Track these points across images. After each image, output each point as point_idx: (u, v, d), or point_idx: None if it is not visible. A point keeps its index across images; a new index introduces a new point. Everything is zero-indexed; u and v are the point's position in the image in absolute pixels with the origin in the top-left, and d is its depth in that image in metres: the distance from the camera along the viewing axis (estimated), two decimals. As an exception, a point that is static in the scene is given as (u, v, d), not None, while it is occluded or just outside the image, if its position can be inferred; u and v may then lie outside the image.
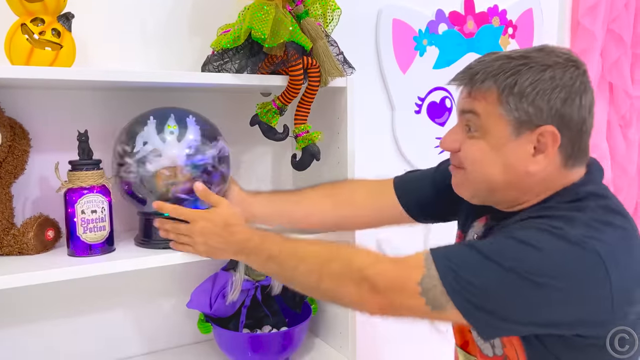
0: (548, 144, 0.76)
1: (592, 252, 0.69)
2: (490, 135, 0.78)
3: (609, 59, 1.85)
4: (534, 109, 0.75)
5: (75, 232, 0.98)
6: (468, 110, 0.80)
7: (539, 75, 0.75)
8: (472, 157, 0.81)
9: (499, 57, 0.78)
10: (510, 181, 0.79)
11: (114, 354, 1.23)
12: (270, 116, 1.10)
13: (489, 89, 0.77)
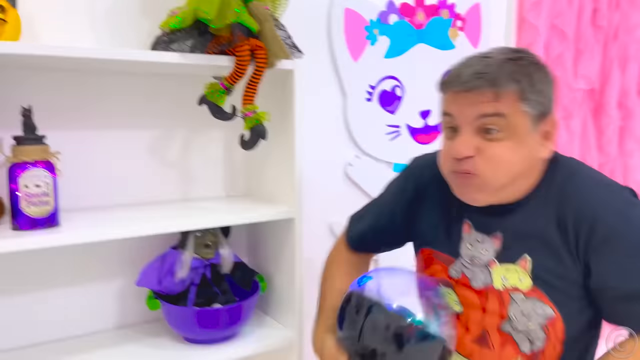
0: (552, 129, 0.85)
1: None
2: (516, 132, 0.82)
3: (552, 53, 1.94)
4: (545, 99, 0.84)
5: (19, 206, 0.98)
6: (492, 114, 0.82)
7: (543, 71, 0.85)
8: (500, 157, 0.83)
9: (504, 59, 0.83)
10: (525, 171, 0.85)
11: (60, 332, 1.24)
12: (218, 96, 1.12)
13: (511, 87, 0.81)
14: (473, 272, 0.93)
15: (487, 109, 0.82)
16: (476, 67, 0.83)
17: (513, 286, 0.88)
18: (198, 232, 1.24)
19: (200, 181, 1.39)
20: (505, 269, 0.89)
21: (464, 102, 0.83)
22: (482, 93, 0.81)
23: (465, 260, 0.94)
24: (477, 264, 0.92)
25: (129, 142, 1.28)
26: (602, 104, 2.13)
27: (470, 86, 0.82)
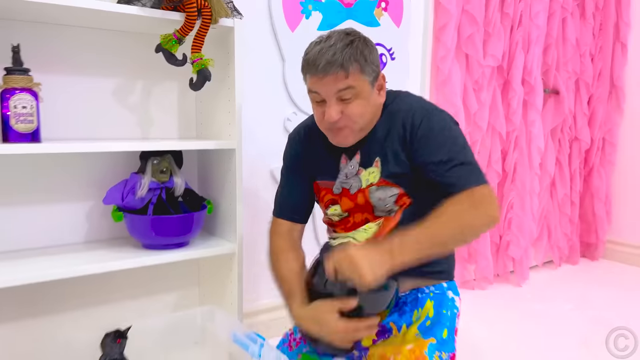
0: (382, 82, 1.21)
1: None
2: (362, 94, 1.16)
3: (464, 33, 2.29)
4: (375, 66, 1.17)
5: (9, 123, 1.24)
6: (345, 88, 1.13)
7: (369, 46, 1.16)
8: (358, 113, 1.17)
9: (343, 46, 1.12)
10: (373, 114, 1.21)
11: (37, 242, 1.48)
12: (171, 45, 1.40)
13: (355, 67, 1.12)
14: (350, 183, 1.27)
15: (341, 85, 1.13)
16: (327, 55, 1.11)
17: (369, 183, 1.23)
18: (155, 159, 1.51)
19: (157, 124, 1.66)
20: (368, 172, 1.24)
21: (324, 82, 1.14)
22: (336, 75, 1.12)
23: (342, 178, 1.28)
24: (350, 177, 1.27)
25: (97, 87, 1.54)
26: (509, 80, 2.50)
27: (326, 72, 1.12)
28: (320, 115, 1.20)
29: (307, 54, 1.17)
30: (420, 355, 1.18)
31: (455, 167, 1.15)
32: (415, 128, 1.18)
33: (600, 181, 3.01)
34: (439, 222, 1.10)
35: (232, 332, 1.29)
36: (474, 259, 2.53)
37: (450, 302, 1.30)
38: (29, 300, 1.48)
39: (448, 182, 1.15)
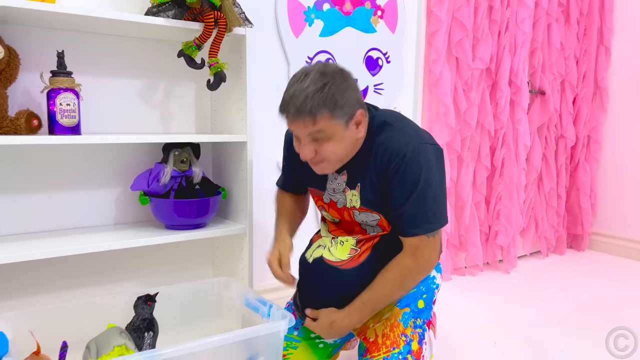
0: (361, 119, 1.30)
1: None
2: (334, 136, 1.24)
3: (454, 38, 2.49)
4: (349, 108, 1.24)
5: (55, 118, 1.45)
6: (314, 132, 1.22)
7: (340, 88, 1.22)
8: (331, 151, 1.26)
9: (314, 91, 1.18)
10: (352, 148, 1.32)
11: (72, 224, 1.70)
12: (191, 50, 1.62)
13: (324, 113, 1.20)
14: (337, 197, 1.44)
15: (309, 129, 1.22)
16: (297, 101, 1.19)
17: (352, 206, 1.40)
18: (176, 151, 1.72)
19: (176, 120, 1.87)
20: (351, 193, 1.39)
21: (295, 126, 1.24)
22: (304, 121, 1.21)
23: (329, 191, 1.45)
24: (337, 192, 1.43)
25: (126, 88, 1.76)
26: (497, 81, 2.70)
27: (295, 119, 1.22)
28: (298, 149, 1.32)
29: (284, 93, 1.24)
30: (395, 322, 1.39)
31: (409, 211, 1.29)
32: (392, 165, 1.27)
33: (586, 176, 3.20)
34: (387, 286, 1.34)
35: (245, 297, 1.49)
36: (465, 247, 2.73)
37: (430, 279, 1.49)
38: (70, 273, 1.69)
39: (399, 224, 1.33)
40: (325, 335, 1.40)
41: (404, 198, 1.29)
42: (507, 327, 2.05)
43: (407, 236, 1.32)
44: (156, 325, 1.44)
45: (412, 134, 1.32)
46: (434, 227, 1.32)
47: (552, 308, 2.27)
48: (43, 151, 1.63)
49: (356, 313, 1.35)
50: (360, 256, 1.37)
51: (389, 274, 1.33)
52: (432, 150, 1.32)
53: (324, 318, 1.38)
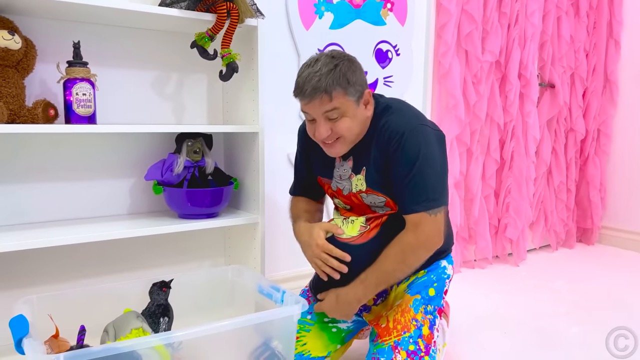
0: (369, 98, 1.37)
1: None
2: (348, 112, 1.33)
3: (463, 31, 2.50)
4: (359, 86, 1.32)
5: (72, 107, 1.48)
6: (330, 109, 1.29)
7: (350, 68, 1.30)
8: (345, 128, 1.32)
9: (327, 71, 1.26)
10: (361, 128, 1.38)
11: (86, 213, 1.73)
12: (204, 41, 1.64)
13: (338, 90, 1.28)
14: (343, 185, 1.47)
15: (326, 108, 1.29)
16: (312, 82, 1.26)
17: (358, 190, 1.44)
18: (189, 141, 1.74)
19: (189, 111, 1.89)
20: (357, 178, 1.43)
21: (312, 106, 1.30)
22: (320, 99, 1.28)
23: (336, 178, 1.48)
24: (343, 179, 1.47)
25: (139, 79, 1.78)
26: (506, 74, 2.70)
27: (312, 97, 1.28)
28: (313, 132, 1.38)
29: (298, 78, 1.32)
30: (405, 307, 1.41)
31: (409, 186, 1.32)
32: (393, 142, 1.32)
33: (596, 170, 3.19)
34: (389, 261, 1.34)
35: (258, 284, 1.51)
36: (474, 240, 2.73)
37: (441, 269, 1.51)
38: (87, 261, 1.73)
39: (400, 201, 1.36)
40: (332, 313, 1.41)
41: (403, 174, 1.33)
42: (516, 317, 2.06)
43: (408, 213, 1.35)
44: (171, 311, 1.46)
45: (413, 117, 1.38)
46: (433, 205, 1.33)
47: (561, 299, 2.27)
48: (59, 141, 1.66)
49: (360, 285, 1.36)
50: (370, 232, 1.40)
51: (391, 249, 1.35)
52: (432, 132, 1.37)
53: (331, 294, 1.40)
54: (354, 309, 1.40)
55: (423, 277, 1.48)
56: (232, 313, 1.60)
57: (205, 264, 1.97)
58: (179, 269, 1.90)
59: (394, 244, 1.36)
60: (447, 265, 1.53)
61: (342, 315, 1.42)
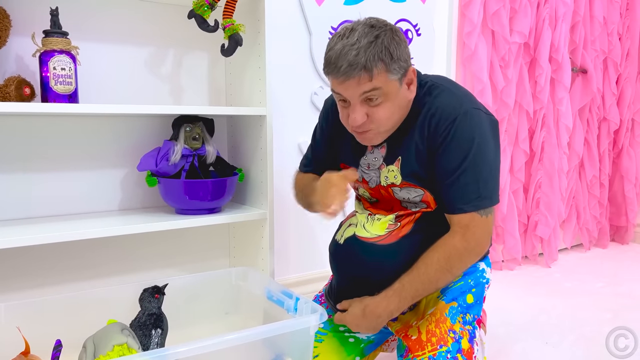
0: (412, 76, 1.13)
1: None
2: (390, 95, 1.10)
3: (490, 9, 2.27)
4: (404, 62, 1.08)
5: (48, 84, 1.27)
6: (370, 90, 1.06)
7: (397, 40, 1.07)
8: (385, 116, 1.10)
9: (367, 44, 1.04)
10: (402, 113, 1.15)
11: (74, 208, 1.52)
12: (203, 10, 1.42)
13: (380, 67, 1.04)
14: (370, 176, 1.25)
15: (365, 88, 1.06)
16: (349, 56, 1.04)
17: (390, 183, 1.21)
18: (187, 126, 1.53)
19: (188, 93, 1.68)
20: (387, 169, 1.21)
21: (347, 86, 1.07)
22: (359, 78, 1.05)
23: (363, 168, 1.26)
24: (372, 169, 1.24)
25: (131, 56, 1.57)
26: (536, 57, 2.47)
27: (348, 75, 1.05)
28: (345, 117, 1.15)
29: (329, 51, 1.09)
30: (441, 317, 1.18)
31: (459, 182, 1.11)
32: (441, 129, 1.11)
33: (630, 162, 2.95)
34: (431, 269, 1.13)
35: (266, 288, 1.30)
36: (502, 238, 2.50)
37: (479, 272, 1.29)
38: (68, 263, 1.51)
39: (446, 199, 1.14)
40: (357, 327, 1.19)
41: (453, 167, 1.11)
42: (558, 325, 1.83)
43: (456, 213, 1.13)
44: (165, 322, 1.25)
45: (463, 97, 1.15)
46: (485, 203, 1.13)
47: (604, 303, 2.04)
48: (35, 124, 1.45)
49: (394, 297, 1.14)
50: (401, 230, 1.18)
51: (434, 255, 1.14)
52: (486, 119, 1.15)
53: (356, 305, 1.18)
54: (383, 322, 1.18)
55: (459, 282, 1.26)
56: (236, 324, 1.39)
57: (206, 265, 1.75)
58: (176, 272, 1.68)
59: (437, 249, 1.14)
60: (486, 268, 1.31)
61: (369, 329, 1.19)
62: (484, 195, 1.12)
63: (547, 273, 2.48)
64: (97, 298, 1.26)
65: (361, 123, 1.11)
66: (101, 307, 1.23)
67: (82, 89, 1.44)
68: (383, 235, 1.18)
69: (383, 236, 1.18)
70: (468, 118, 1.11)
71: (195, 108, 1.46)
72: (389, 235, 1.18)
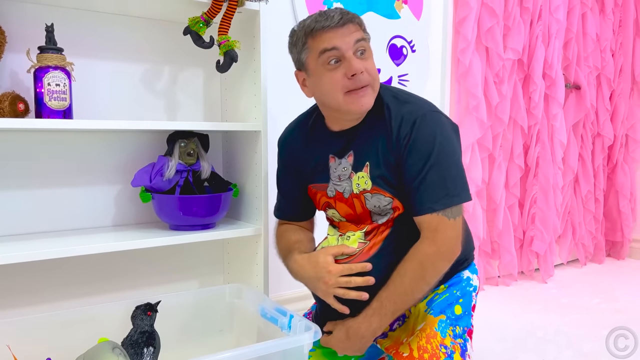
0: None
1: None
2: (371, 51, 1.19)
3: (484, 26, 2.29)
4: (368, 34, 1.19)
5: (43, 100, 1.26)
6: (362, 38, 1.16)
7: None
8: (374, 70, 1.18)
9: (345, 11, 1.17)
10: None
11: (66, 225, 1.50)
12: (199, 27, 1.43)
13: (362, 24, 1.18)
14: (343, 187, 1.25)
15: (358, 36, 1.15)
16: (337, 10, 1.16)
17: (362, 190, 1.21)
18: (182, 142, 1.52)
19: (183, 109, 1.68)
20: (357, 177, 1.21)
21: (343, 33, 1.13)
22: (352, 25, 1.15)
23: (334, 181, 1.26)
24: (343, 179, 1.24)
25: (126, 72, 1.57)
26: (530, 73, 2.49)
27: (344, 22, 1.14)
28: (339, 77, 1.14)
29: (309, 21, 1.16)
30: (431, 332, 1.17)
31: (425, 181, 1.12)
32: (403, 131, 1.15)
33: (625, 178, 2.96)
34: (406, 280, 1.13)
35: (260, 306, 1.28)
36: (498, 254, 2.49)
37: (464, 282, 1.28)
38: (60, 280, 1.49)
39: (415, 201, 1.15)
40: (344, 350, 1.18)
41: (419, 168, 1.13)
42: (554, 341, 1.81)
43: (424, 213, 1.13)
44: (157, 340, 1.23)
45: (422, 104, 1.21)
46: (454, 201, 1.14)
47: (601, 320, 2.03)
48: (29, 140, 1.44)
49: (374, 315, 1.14)
50: (371, 248, 1.18)
51: (407, 265, 1.14)
52: (446, 120, 1.20)
53: (340, 327, 1.18)
54: (367, 342, 1.18)
55: (445, 294, 1.25)
56: (230, 342, 1.37)
57: (200, 282, 1.74)
58: (170, 289, 1.66)
59: (408, 259, 1.14)
60: (471, 275, 1.31)
61: (354, 351, 1.18)
62: (453, 193, 1.13)
63: (544, 289, 2.47)
64: (89, 315, 1.24)
65: (361, 69, 1.13)
66: (92, 325, 1.21)
67: (77, 105, 1.44)
68: (355, 254, 1.17)
69: (355, 255, 1.17)
70: (427, 119, 1.15)
71: (190, 124, 1.46)
72: (360, 253, 1.18)
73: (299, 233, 1.37)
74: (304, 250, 1.28)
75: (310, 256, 1.21)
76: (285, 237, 1.36)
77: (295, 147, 1.34)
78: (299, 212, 1.40)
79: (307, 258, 1.21)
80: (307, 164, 1.31)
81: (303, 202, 1.38)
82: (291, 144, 1.35)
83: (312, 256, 1.21)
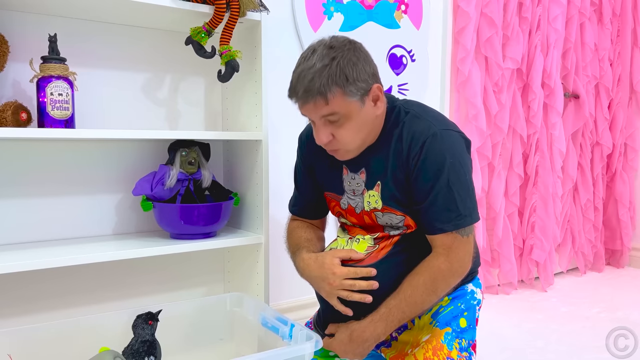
0: (378, 93, 1.14)
1: None
2: (350, 116, 1.11)
3: (483, 36, 2.31)
4: (363, 82, 1.09)
5: (45, 109, 1.27)
6: (328, 114, 1.08)
7: (351, 61, 1.07)
8: (349, 137, 1.12)
9: (322, 67, 1.05)
10: (371, 129, 1.17)
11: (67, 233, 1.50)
12: (200, 37, 1.44)
13: (335, 91, 1.06)
14: (356, 201, 1.26)
15: (323, 112, 1.09)
16: (304, 81, 1.06)
17: (372, 208, 1.22)
18: (183, 151, 1.53)
19: (184, 119, 1.68)
20: (369, 194, 1.22)
21: (307, 110, 1.11)
22: (315, 103, 1.07)
23: (349, 194, 1.27)
24: (357, 194, 1.25)
25: (127, 82, 1.58)
26: (529, 83, 2.51)
27: (305, 100, 1.09)
28: (314, 138, 1.17)
29: (292, 74, 1.12)
30: (437, 344, 1.18)
31: (437, 202, 1.12)
32: (413, 151, 1.13)
33: (624, 186, 2.97)
34: (418, 291, 1.13)
35: (261, 315, 1.28)
36: (498, 263, 2.50)
37: (469, 295, 1.29)
38: (61, 289, 1.49)
39: (426, 221, 1.15)
40: (345, 353, 1.18)
41: (427, 189, 1.13)
42: (557, 351, 1.81)
43: (436, 233, 1.14)
44: (158, 349, 1.23)
45: (433, 121, 1.17)
46: (466, 222, 1.14)
47: (601, 329, 2.02)
48: (32, 149, 1.45)
49: (381, 321, 1.14)
50: (380, 252, 1.19)
51: (420, 278, 1.14)
52: (457, 137, 1.18)
53: (342, 331, 1.18)
54: (370, 347, 1.18)
55: (449, 306, 1.25)
56: (231, 351, 1.37)
57: (201, 291, 1.74)
58: (170, 298, 1.67)
59: (422, 272, 1.15)
60: (475, 289, 1.31)
61: (356, 354, 1.18)
62: (464, 214, 1.14)
63: (544, 297, 2.46)
64: (90, 325, 1.24)
65: (327, 142, 1.14)
66: (93, 334, 1.21)
67: (79, 114, 1.44)
68: (363, 257, 1.18)
69: (363, 258, 1.18)
70: (437, 139, 1.13)
71: (192, 133, 1.47)
72: (368, 256, 1.18)
73: (310, 231, 1.38)
74: (312, 249, 1.29)
75: (318, 256, 1.22)
76: (297, 233, 1.37)
77: (310, 151, 1.33)
78: (312, 211, 1.41)
79: (315, 258, 1.22)
80: (323, 164, 1.30)
81: (318, 202, 1.38)
82: (312, 141, 1.30)
83: (319, 256, 1.21)
